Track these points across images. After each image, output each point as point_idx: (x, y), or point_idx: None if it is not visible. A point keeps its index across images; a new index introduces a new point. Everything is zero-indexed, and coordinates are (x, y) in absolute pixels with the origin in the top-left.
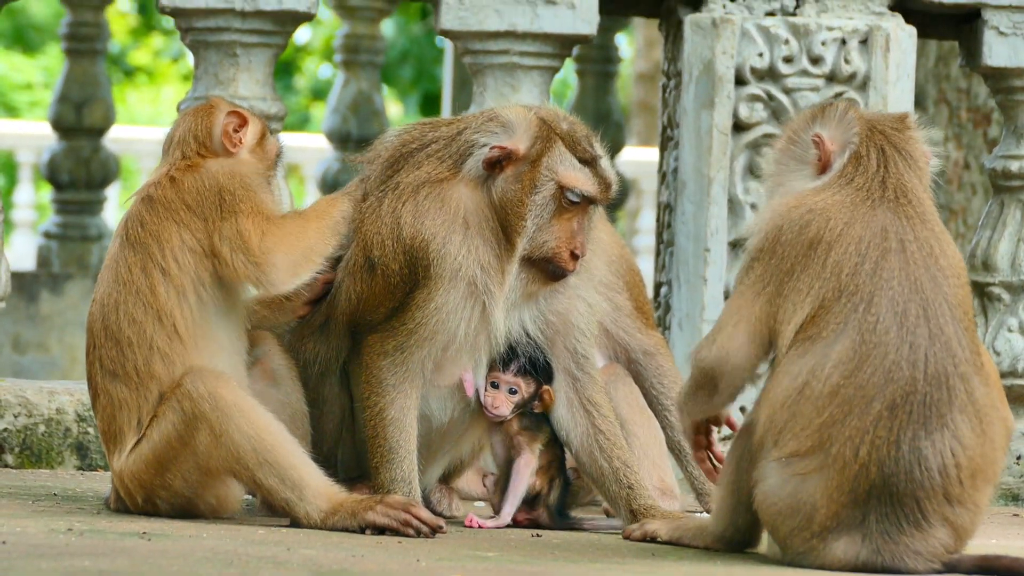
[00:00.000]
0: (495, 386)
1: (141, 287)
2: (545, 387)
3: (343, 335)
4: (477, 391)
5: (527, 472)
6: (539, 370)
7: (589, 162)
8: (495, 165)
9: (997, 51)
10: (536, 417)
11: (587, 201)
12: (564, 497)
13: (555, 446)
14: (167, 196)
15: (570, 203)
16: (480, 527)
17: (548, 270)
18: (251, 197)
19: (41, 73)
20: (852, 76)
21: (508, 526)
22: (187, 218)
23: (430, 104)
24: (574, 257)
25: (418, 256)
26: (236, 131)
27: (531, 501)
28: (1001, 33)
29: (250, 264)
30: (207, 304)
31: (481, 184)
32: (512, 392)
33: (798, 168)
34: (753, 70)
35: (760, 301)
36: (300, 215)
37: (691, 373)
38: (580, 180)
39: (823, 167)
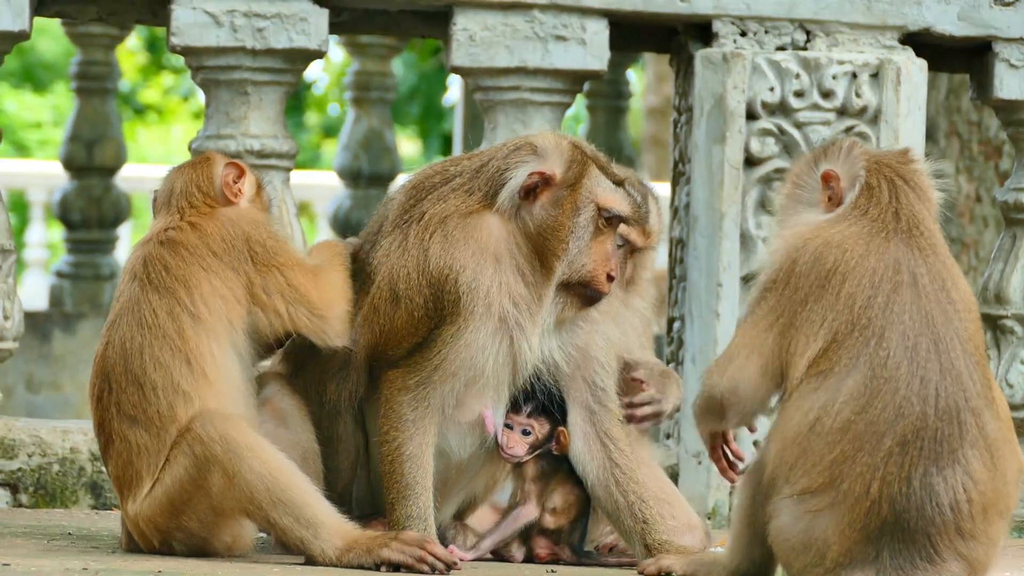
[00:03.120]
0: (509, 427)
1: (168, 331)
2: (560, 428)
3: (361, 370)
4: (496, 428)
5: (522, 523)
6: (556, 409)
7: (620, 184)
8: (530, 192)
9: (1008, 84)
10: (554, 462)
11: (621, 221)
12: (584, 534)
13: (578, 486)
14: (190, 241)
15: (606, 224)
16: (461, 559)
17: (584, 294)
18: (284, 248)
19: (50, 111)
20: (863, 110)
21: (526, 561)
22: (215, 265)
23: (448, 145)
24: (609, 279)
25: (445, 290)
26: (235, 182)
27: (555, 537)
28: (1012, 66)
29: (314, 317)
30: (232, 347)
31: (513, 214)
32: (525, 433)
33: (807, 210)
34: (764, 104)
35: (773, 333)
36: (331, 265)
37: (701, 393)
38: (617, 201)
39: (836, 203)
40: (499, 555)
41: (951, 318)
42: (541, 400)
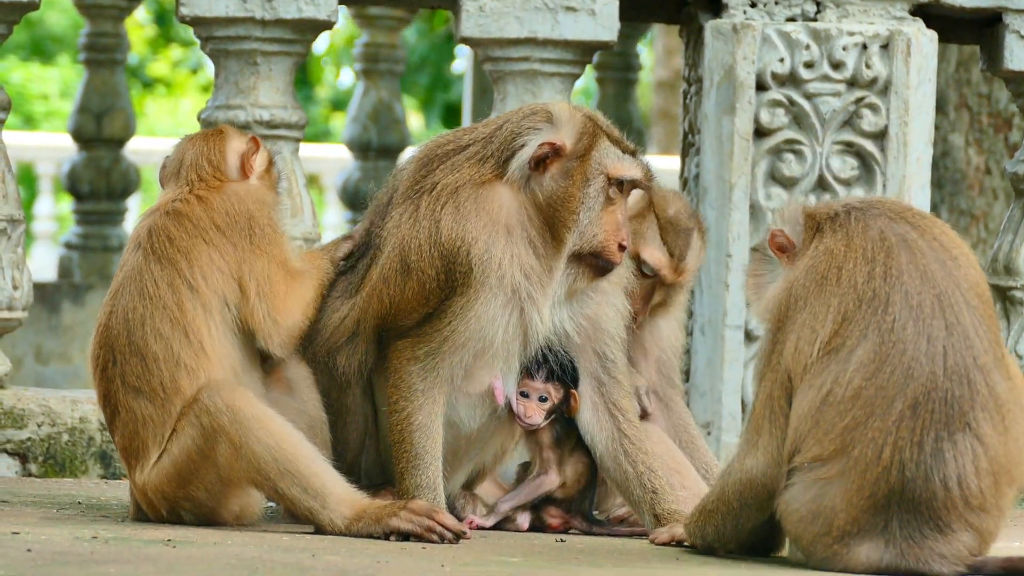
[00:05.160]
0: (525, 395)
1: (168, 302)
2: (572, 391)
3: (370, 341)
4: (508, 399)
5: (544, 491)
6: (567, 374)
7: (632, 153)
8: (540, 163)
9: (1018, 55)
10: (568, 426)
11: (633, 186)
12: (592, 501)
13: (586, 454)
14: (195, 213)
15: (617, 193)
16: (480, 527)
17: (596, 265)
18: (279, 240)
19: (57, 83)
20: (873, 81)
21: (532, 530)
22: (217, 239)
23: (451, 116)
24: (621, 248)
25: (457, 261)
26: (251, 157)
27: (566, 506)
28: (1022, 37)
29: (269, 318)
30: (225, 323)
31: (523, 185)
32: (542, 400)
33: (777, 275)
34: (774, 75)
35: (777, 369)
36: (310, 276)
37: (728, 490)
38: (628, 168)
39: (792, 248)
40: (500, 525)
41: (949, 269)
42: (553, 366)
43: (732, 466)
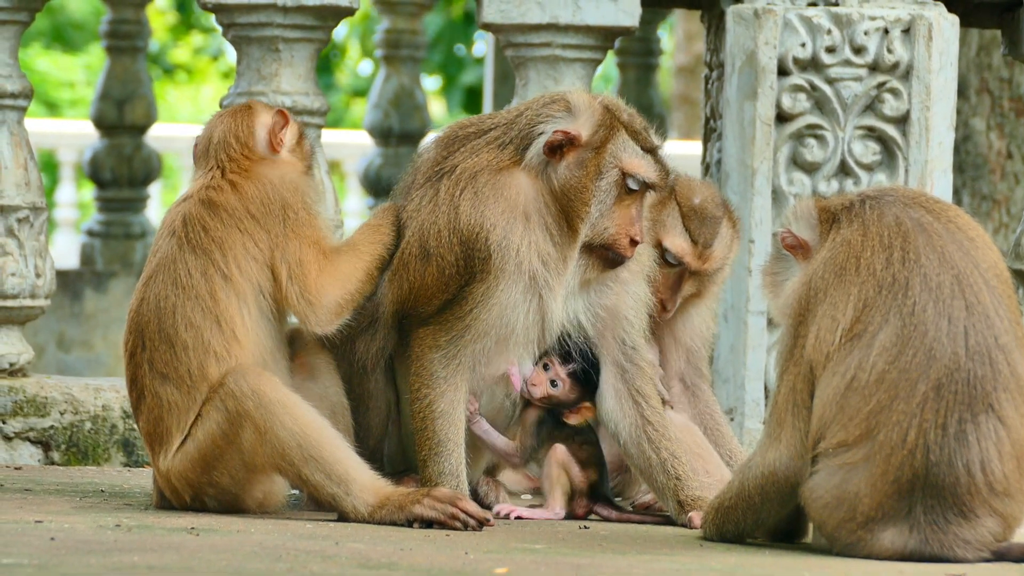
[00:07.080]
0: (545, 368)
1: (201, 292)
2: (585, 404)
3: (390, 327)
4: (526, 376)
5: (491, 449)
6: (590, 384)
7: (650, 151)
8: (556, 151)
9: None
10: (555, 425)
11: (647, 187)
12: (606, 481)
13: (593, 440)
14: (230, 203)
15: (631, 190)
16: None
17: (607, 257)
18: (313, 223)
19: (83, 71)
20: (895, 66)
21: (564, 517)
22: (251, 227)
23: (471, 100)
24: (633, 243)
25: (476, 248)
26: (280, 131)
27: (590, 494)
28: None
29: (302, 299)
30: (259, 310)
31: (541, 172)
32: (553, 384)
33: (792, 272)
34: (796, 60)
35: (800, 362)
36: (354, 251)
37: (748, 485)
38: (643, 167)
39: (806, 246)
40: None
41: (967, 249)
42: (581, 368)
43: (753, 460)
